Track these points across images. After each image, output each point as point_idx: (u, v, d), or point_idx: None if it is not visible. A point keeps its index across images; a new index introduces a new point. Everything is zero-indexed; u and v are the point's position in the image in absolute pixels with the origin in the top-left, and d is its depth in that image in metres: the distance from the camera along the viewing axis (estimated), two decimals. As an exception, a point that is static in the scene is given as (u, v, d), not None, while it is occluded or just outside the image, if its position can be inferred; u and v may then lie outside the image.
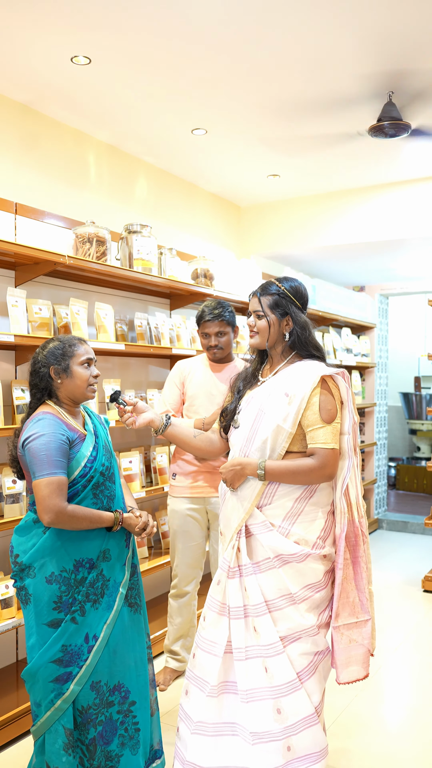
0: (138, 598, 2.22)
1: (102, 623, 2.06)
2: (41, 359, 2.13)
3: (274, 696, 1.96)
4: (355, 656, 2.10)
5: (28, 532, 2.08)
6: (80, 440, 2.10)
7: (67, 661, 2.00)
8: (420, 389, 9.57)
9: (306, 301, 2.19)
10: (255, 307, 2.15)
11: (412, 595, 4.62)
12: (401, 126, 3.41)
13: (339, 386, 2.07)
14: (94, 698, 2.02)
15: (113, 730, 2.07)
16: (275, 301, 2.12)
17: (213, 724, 2.02)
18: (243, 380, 2.24)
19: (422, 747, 2.71)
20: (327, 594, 2.06)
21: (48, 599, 2.00)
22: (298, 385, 2.04)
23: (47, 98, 3.41)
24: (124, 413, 2.24)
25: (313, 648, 2.00)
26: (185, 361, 3.22)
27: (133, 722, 2.12)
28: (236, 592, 2.03)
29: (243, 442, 2.09)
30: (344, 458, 2.09)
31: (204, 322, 3.08)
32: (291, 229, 5.37)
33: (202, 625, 2.13)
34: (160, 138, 3.99)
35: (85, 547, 2.06)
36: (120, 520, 2.12)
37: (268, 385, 2.12)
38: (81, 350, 2.15)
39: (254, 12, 2.66)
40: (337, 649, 2.08)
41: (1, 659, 3.10)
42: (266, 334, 2.13)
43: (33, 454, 1.99)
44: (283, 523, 2.02)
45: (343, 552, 2.05)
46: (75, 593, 2.02)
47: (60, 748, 1.97)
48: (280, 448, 2.02)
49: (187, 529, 3.12)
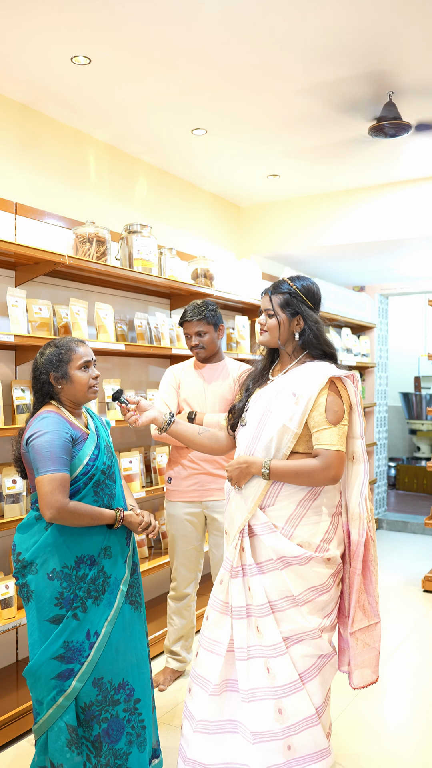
0: (138, 596, 2.23)
1: (103, 620, 2.07)
2: (40, 366, 2.15)
3: (275, 696, 1.96)
4: (368, 660, 2.12)
5: (30, 529, 2.09)
6: (83, 439, 2.12)
7: (68, 657, 2.01)
8: (420, 389, 9.57)
9: (318, 300, 2.17)
10: (266, 306, 2.14)
11: (412, 595, 4.62)
12: (401, 126, 3.41)
13: (348, 389, 2.05)
14: (97, 695, 2.03)
15: (120, 728, 2.08)
16: (286, 300, 2.11)
17: (214, 722, 2.03)
18: (253, 379, 2.24)
19: (422, 747, 2.71)
20: (331, 597, 2.04)
21: (50, 595, 2.02)
22: (306, 385, 2.03)
23: (47, 98, 3.41)
24: (127, 412, 2.24)
25: (316, 651, 1.99)
26: (177, 366, 3.23)
27: (139, 720, 2.13)
28: (239, 592, 2.03)
29: (249, 440, 2.09)
30: (359, 462, 2.09)
31: (184, 323, 3.09)
32: (291, 229, 5.36)
33: (205, 624, 2.14)
34: (160, 138, 3.99)
35: (86, 544, 2.07)
36: (121, 517, 2.13)
37: (276, 384, 2.12)
38: (78, 354, 2.15)
39: (254, 12, 2.66)
40: (353, 654, 2.09)
41: (2, 659, 3.10)
42: (276, 332, 2.12)
43: (37, 451, 2.00)
44: (285, 525, 2.01)
45: (361, 558, 2.05)
46: (76, 589, 2.04)
47: (63, 745, 1.98)
48: (285, 448, 2.02)
49: (184, 533, 3.12)
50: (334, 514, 2.07)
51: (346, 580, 2.13)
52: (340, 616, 2.19)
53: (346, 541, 2.13)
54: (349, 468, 2.12)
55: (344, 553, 2.12)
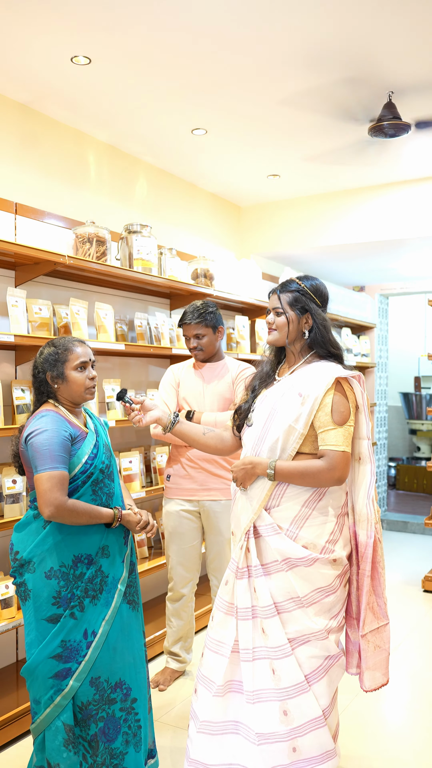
0: (136, 596, 2.23)
1: (101, 619, 2.07)
2: (38, 365, 2.16)
3: (280, 698, 1.95)
4: (379, 662, 2.12)
5: (27, 527, 2.09)
6: (82, 438, 2.12)
7: (66, 656, 2.01)
8: (420, 389, 9.57)
9: (326, 299, 2.17)
10: (274, 304, 2.13)
11: (412, 595, 4.62)
12: (401, 126, 3.41)
13: (354, 389, 2.05)
14: (94, 694, 2.04)
15: (117, 727, 2.08)
16: (295, 297, 2.11)
17: (218, 723, 2.03)
18: (259, 380, 2.23)
19: (423, 747, 2.71)
20: (338, 598, 2.03)
21: (47, 594, 2.02)
22: (312, 385, 2.02)
23: (47, 98, 3.41)
24: (131, 411, 2.24)
25: (323, 652, 1.99)
26: (177, 365, 3.24)
27: (135, 719, 2.13)
28: (244, 593, 2.02)
29: (255, 441, 2.09)
30: (365, 463, 2.08)
31: (183, 325, 3.10)
32: (291, 229, 5.36)
33: (210, 625, 2.13)
34: (160, 138, 3.99)
35: (84, 543, 2.07)
36: (119, 516, 2.13)
37: (283, 384, 2.11)
38: (75, 354, 2.15)
39: (254, 12, 2.66)
40: (364, 657, 2.08)
41: (2, 659, 3.10)
42: (285, 330, 2.11)
43: (35, 449, 2.01)
44: (290, 526, 2.00)
45: (370, 559, 2.04)
46: (74, 588, 2.04)
47: (60, 744, 1.98)
48: (290, 449, 2.01)
49: (181, 531, 3.12)
50: (340, 515, 2.06)
51: (354, 582, 2.12)
52: (348, 618, 2.18)
53: (353, 543, 2.12)
54: (355, 469, 2.12)
55: (350, 554, 2.11)
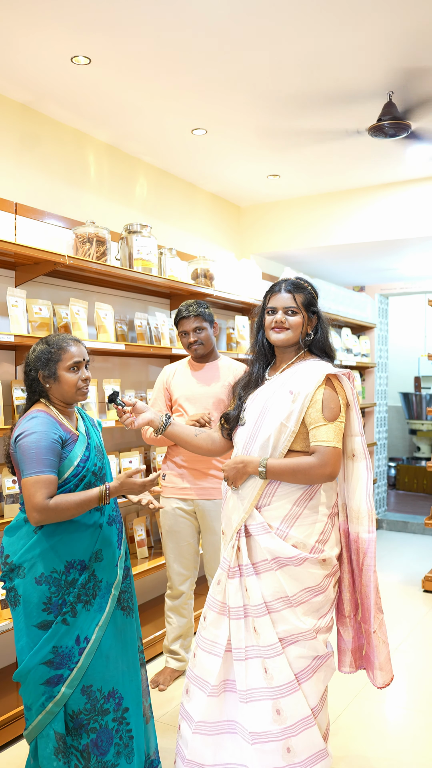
0: (130, 601, 2.19)
1: (94, 624, 2.03)
2: (30, 362, 2.11)
3: (273, 697, 1.96)
4: (387, 657, 2.14)
5: (18, 531, 2.05)
6: (73, 440, 2.08)
7: (57, 663, 1.97)
8: (420, 389, 9.57)
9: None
10: (287, 303, 2.12)
11: (412, 595, 4.62)
12: (401, 126, 3.41)
13: (344, 386, 2.06)
14: (85, 703, 1.99)
15: (109, 739, 2.03)
16: (308, 299, 2.15)
17: (214, 723, 2.03)
18: (243, 386, 2.24)
19: (423, 747, 2.71)
20: (327, 598, 2.04)
21: (37, 600, 1.98)
22: (302, 383, 2.03)
23: (47, 98, 3.41)
24: (123, 414, 2.24)
25: (311, 652, 1.99)
26: (170, 365, 3.24)
27: (127, 729, 2.08)
28: (236, 592, 2.03)
29: (246, 439, 2.09)
30: (360, 460, 2.09)
31: (180, 320, 3.08)
32: (291, 229, 5.36)
33: (203, 624, 2.13)
34: (160, 138, 3.99)
35: (76, 548, 2.03)
36: (106, 492, 2.01)
37: (273, 382, 2.13)
38: (69, 354, 2.09)
39: (254, 11, 2.66)
40: (377, 653, 2.10)
41: (2, 659, 3.10)
42: (299, 329, 2.12)
43: (23, 452, 1.97)
44: (281, 525, 2.01)
45: (373, 554, 2.06)
46: (65, 594, 2.00)
47: (51, 753, 1.95)
48: (282, 447, 2.02)
49: (177, 529, 3.12)
50: (331, 515, 2.07)
51: (348, 580, 2.14)
52: (341, 618, 2.19)
53: (344, 542, 2.13)
54: (349, 466, 2.13)
55: (340, 554, 2.12)
